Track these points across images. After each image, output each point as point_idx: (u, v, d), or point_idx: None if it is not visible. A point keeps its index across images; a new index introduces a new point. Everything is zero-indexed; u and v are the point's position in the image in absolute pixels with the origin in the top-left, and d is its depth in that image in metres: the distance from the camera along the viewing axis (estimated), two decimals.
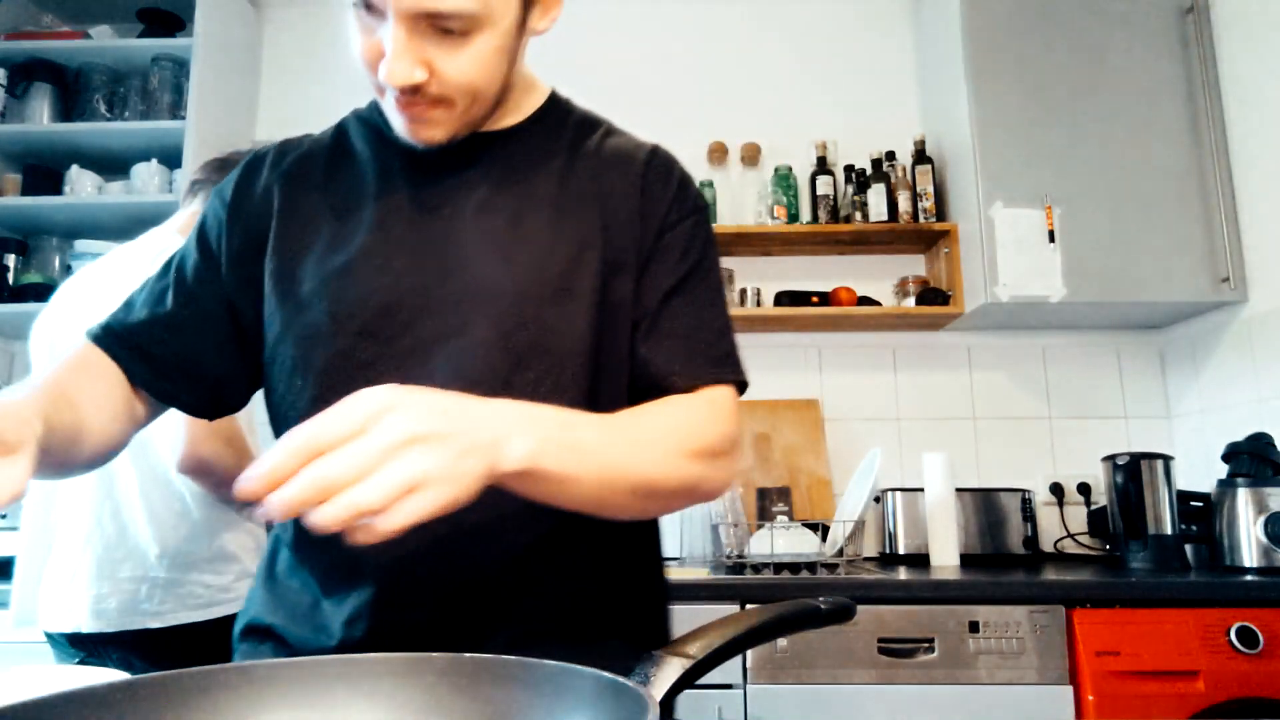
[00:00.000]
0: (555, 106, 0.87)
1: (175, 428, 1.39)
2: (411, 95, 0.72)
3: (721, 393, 0.79)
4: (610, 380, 0.78)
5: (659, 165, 0.84)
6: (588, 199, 0.81)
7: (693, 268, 0.82)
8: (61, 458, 0.70)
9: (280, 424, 0.80)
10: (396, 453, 0.51)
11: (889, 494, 2.26)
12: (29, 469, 0.57)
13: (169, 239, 1.57)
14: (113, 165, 2.50)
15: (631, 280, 0.79)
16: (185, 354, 0.82)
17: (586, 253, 0.78)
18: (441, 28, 0.69)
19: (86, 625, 1.42)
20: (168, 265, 0.86)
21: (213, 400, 0.85)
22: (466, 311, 0.75)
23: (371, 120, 0.86)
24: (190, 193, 1.71)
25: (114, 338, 0.82)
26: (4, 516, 2.03)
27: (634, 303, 0.79)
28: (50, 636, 1.51)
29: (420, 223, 0.79)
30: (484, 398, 0.61)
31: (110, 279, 1.58)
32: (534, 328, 0.75)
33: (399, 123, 0.76)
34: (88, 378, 0.77)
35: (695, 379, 0.78)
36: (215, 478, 1.44)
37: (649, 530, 0.88)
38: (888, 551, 2.26)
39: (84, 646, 1.48)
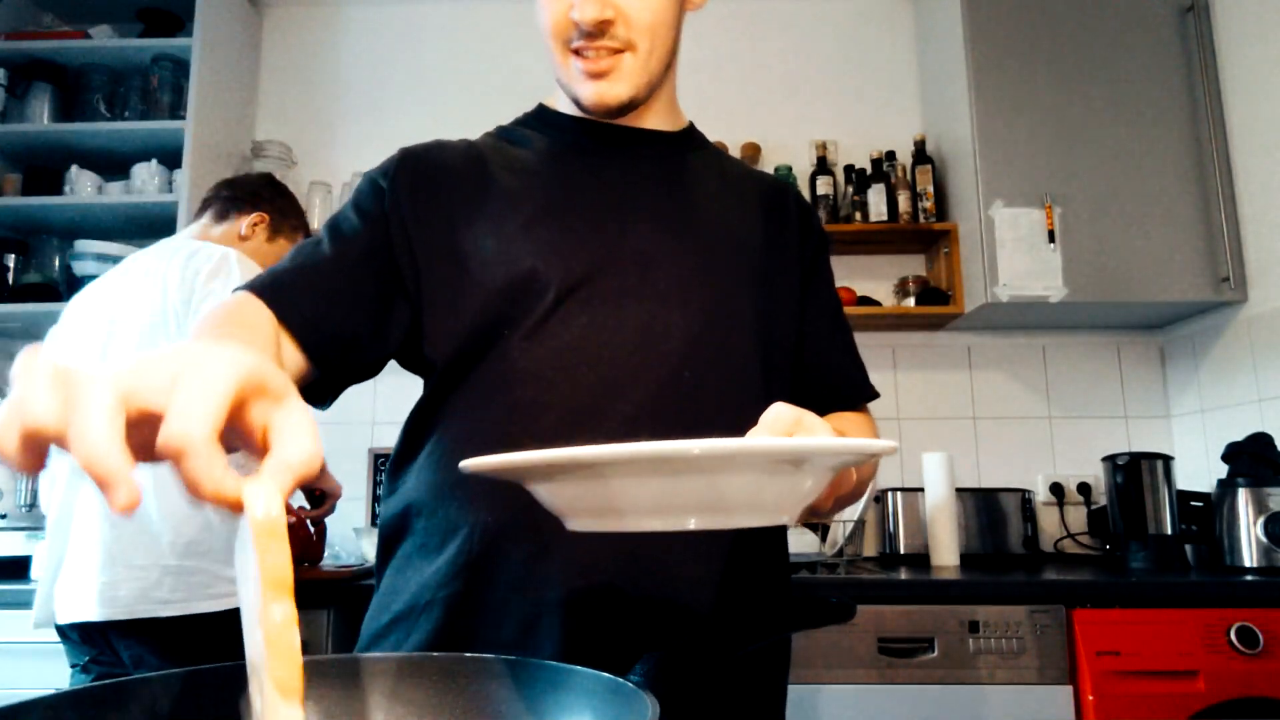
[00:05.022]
0: (696, 129, 0.96)
1: None
2: (599, 40, 0.79)
3: (869, 412, 0.93)
4: (778, 382, 0.85)
5: (804, 202, 0.97)
6: (757, 217, 0.89)
7: (837, 295, 0.97)
8: None
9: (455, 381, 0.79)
10: None
11: (889, 494, 2.26)
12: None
13: (189, 245, 1.59)
14: (113, 165, 2.49)
15: (795, 299, 0.89)
16: (332, 301, 0.75)
17: (752, 257, 0.86)
18: None
19: (96, 613, 1.41)
20: (324, 229, 0.82)
21: (343, 365, 0.78)
22: (662, 302, 0.79)
23: (529, 124, 0.91)
24: (203, 209, 1.77)
25: (264, 288, 0.75)
26: (4, 516, 2.03)
27: (800, 317, 0.89)
28: (62, 631, 1.51)
29: (610, 210, 0.83)
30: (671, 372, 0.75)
31: (124, 284, 1.59)
32: (715, 325, 0.80)
33: (583, 87, 0.82)
34: (246, 334, 0.68)
35: (865, 393, 0.93)
36: None
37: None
38: (888, 551, 2.26)
39: (95, 641, 1.47)
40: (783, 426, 0.56)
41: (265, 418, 0.40)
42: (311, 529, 1.94)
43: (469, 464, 0.47)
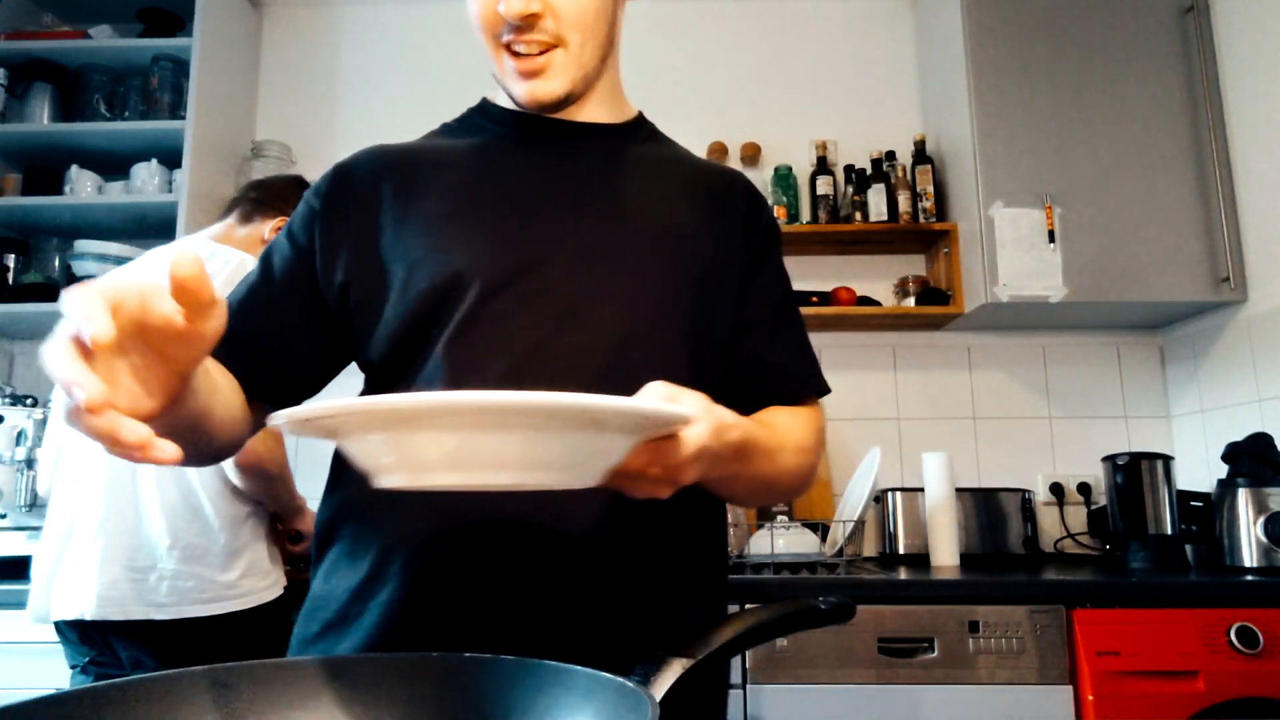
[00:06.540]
0: (645, 121, 0.95)
1: None
2: (528, 34, 0.78)
3: (816, 407, 0.89)
4: (710, 375, 0.83)
5: (754, 193, 0.93)
6: (698, 208, 0.87)
7: (786, 288, 0.93)
8: (187, 432, 0.62)
9: (392, 379, 0.80)
10: (697, 458, 0.59)
11: (889, 494, 2.26)
12: (160, 396, 0.52)
13: (205, 248, 1.60)
14: (113, 165, 2.49)
15: (734, 291, 0.86)
16: (262, 331, 0.80)
17: (697, 258, 0.84)
18: None
19: (91, 612, 1.42)
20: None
21: (288, 384, 0.82)
22: (591, 299, 0.78)
23: (472, 120, 0.91)
24: (229, 208, 1.78)
25: None
26: (4, 516, 2.03)
27: (739, 311, 0.87)
28: (61, 631, 1.51)
29: (543, 206, 0.82)
30: (600, 370, 0.74)
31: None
32: (650, 320, 0.79)
33: (516, 85, 0.81)
34: (216, 369, 0.71)
35: (806, 388, 0.88)
36: (266, 474, 1.47)
37: (717, 543, 0.88)
38: (888, 551, 2.26)
39: (94, 642, 1.48)
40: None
41: None
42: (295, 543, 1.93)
43: (275, 416, 0.48)
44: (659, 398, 0.59)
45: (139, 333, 0.48)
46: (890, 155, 2.46)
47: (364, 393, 0.83)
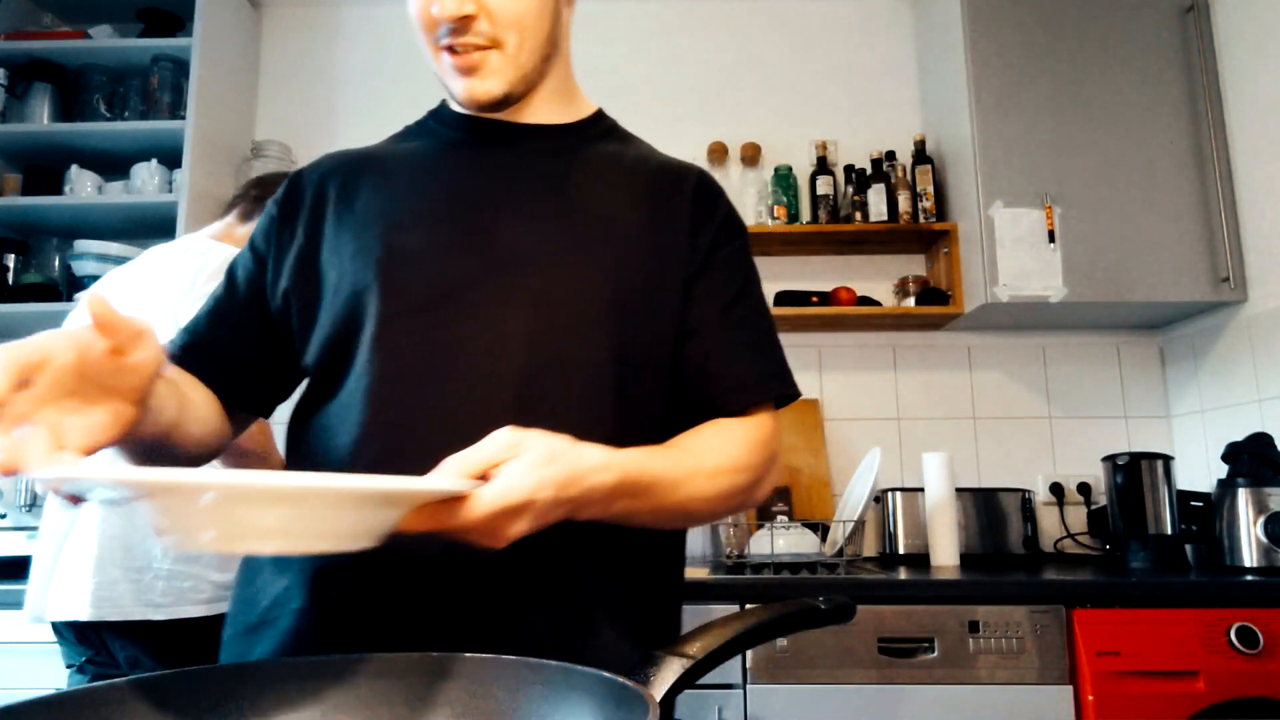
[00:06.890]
0: (603, 118, 0.93)
1: None
2: (464, 36, 0.78)
3: (766, 416, 0.83)
4: (639, 384, 0.80)
5: (709, 187, 0.88)
6: (639, 206, 0.84)
7: (744, 285, 0.86)
8: (153, 445, 0.69)
9: (319, 397, 0.81)
10: (511, 514, 0.57)
11: (889, 494, 2.26)
12: (115, 426, 0.56)
13: (201, 244, 1.60)
14: (113, 165, 2.49)
15: (676, 293, 0.82)
16: (228, 341, 0.84)
17: (629, 259, 0.80)
18: None
19: (86, 613, 1.42)
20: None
21: (257, 390, 0.86)
22: (508, 305, 0.76)
23: (425, 124, 0.91)
24: (230, 206, 1.78)
25: (179, 338, 0.85)
26: (4, 516, 2.03)
27: (685, 314, 0.82)
28: (58, 630, 1.51)
29: (475, 209, 0.81)
30: (520, 390, 0.72)
31: (140, 281, 1.59)
32: (569, 327, 0.77)
33: (454, 83, 0.81)
34: (189, 381, 0.78)
35: (753, 397, 0.82)
36: (247, 462, 1.47)
37: (667, 543, 0.86)
38: (888, 551, 2.26)
39: (91, 642, 1.48)
40: (485, 455, 0.58)
41: None
42: None
43: (38, 473, 0.50)
44: (500, 445, 0.59)
45: (79, 374, 0.54)
46: (890, 155, 2.46)
47: (303, 397, 0.85)
